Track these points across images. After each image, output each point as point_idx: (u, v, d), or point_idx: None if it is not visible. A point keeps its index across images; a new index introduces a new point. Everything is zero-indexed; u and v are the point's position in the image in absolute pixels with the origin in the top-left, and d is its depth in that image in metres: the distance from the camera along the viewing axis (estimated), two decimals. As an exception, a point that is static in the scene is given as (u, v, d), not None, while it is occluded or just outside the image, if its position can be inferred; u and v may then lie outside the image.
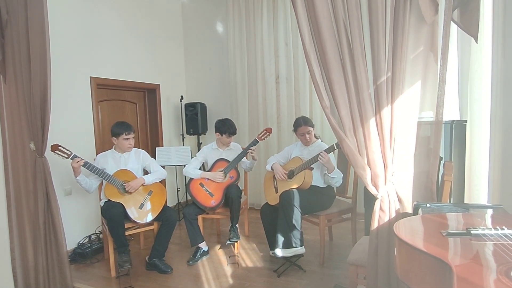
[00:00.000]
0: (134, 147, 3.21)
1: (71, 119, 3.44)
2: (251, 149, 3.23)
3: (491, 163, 1.94)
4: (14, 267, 2.65)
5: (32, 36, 2.44)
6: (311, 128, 3.04)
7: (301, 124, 3.03)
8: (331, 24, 1.69)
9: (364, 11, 1.66)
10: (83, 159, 2.79)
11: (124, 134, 2.99)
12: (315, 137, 3.14)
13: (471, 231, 1.16)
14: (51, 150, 2.71)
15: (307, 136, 3.03)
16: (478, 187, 2.04)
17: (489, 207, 1.69)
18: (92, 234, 3.56)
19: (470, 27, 1.63)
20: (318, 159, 2.78)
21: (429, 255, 1.03)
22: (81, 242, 3.44)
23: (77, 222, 3.50)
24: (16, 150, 2.61)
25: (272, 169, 3.18)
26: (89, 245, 3.41)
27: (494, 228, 1.18)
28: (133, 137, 3.07)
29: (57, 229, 2.66)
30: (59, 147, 2.74)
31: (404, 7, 1.61)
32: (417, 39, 1.67)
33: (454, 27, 1.82)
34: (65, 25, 3.38)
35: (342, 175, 2.98)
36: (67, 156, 2.76)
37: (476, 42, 1.73)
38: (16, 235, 2.64)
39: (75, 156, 2.77)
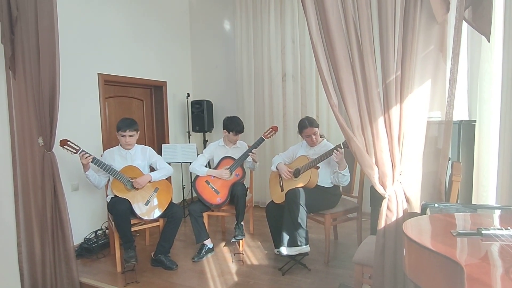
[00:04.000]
0: (140, 144, 3.23)
1: (79, 115, 3.47)
2: (251, 153, 3.23)
3: (500, 164, 1.92)
4: (21, 262, 2.69)
5: (42, 33, 2.46)
6: (316, 129, 3.00)
7: (307, 125, 2.98)
8: (340, 22, 1.68)
9: (374, 9, 1.65)
10: (91, 155, 2.81)
11: (120, 130, 2.99)
12: (320, 136, 3.11)
13: (482, 231, 1.15)
14: (60, 145, 2.73)
15: (313, 137, 3.00)
16: (486, 188, 2.03)
17: (498, 208, 1.67)
18: (99, 230, 3.59)
19: (482, 26, 1.61)
20: (333, 153, 2.73)
21: (439, 255, 1.02)
22: (87, 237, 3.47)
23: (84, 218, 3.53)
24: (25, 145, 2.64)
25: (277, 169, 3.17)
26: (95, 240, 3.43)
27: (505, 229, 1.17)
28: (130, 135, 3.00)
29: (64, 224, 2.69)
30: (68, 142, 2.76)
31: (415, 5, 1.59)
32: (427, 37, 1.65)
33: (463, 26, 1.80)
34: (74, 22, 3.40)
35: (349, 173, 2.96)
36: (75, 151, 2.78)
37: (488, 41, 1.71)
38: (23, 230, 2.68)
39: (83, 152, 2.79)
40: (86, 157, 2.77)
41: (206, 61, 5.13)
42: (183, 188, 4.69)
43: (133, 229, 2.93)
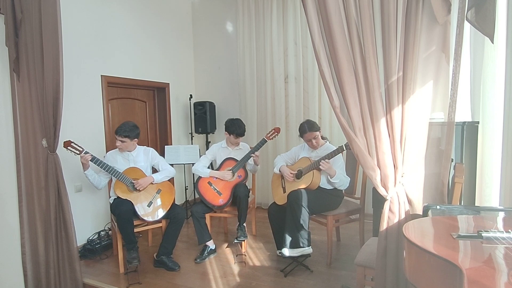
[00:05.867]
0: (143, 146, 3.25)
1: (82, 117, 3.49)
2: (254, 155, 3.24)
3: (503, 165, 1.90)
4: (24, 262, 2.71)
5: (45, 35, 2.48)
6: (317, 133, 2.98)
7: (306, 130, 2.97)
8: (342, 23, 1.68)
9: (376, 10, 1.65)
10: (91, 154, 2.83)
11: (115, 134, 3.01)
12: (323, 138, 3.10)
13: (483, 234, 1.15)
14: (64, 147, 2.74)
15: (314, 141, 2.99)
16: (490, 189, 2.01)
17: (502, 210, 1.66)
18: (102, 231, 3.61)
19: (486, 27, 1.60)
20: (320, 165, 2.79)
21: (439, 258, 1.02)
22: (90, 238, 3.49)
23: (87, 219, 3.55)
24: (29, 147, 2.66)
25: (280, 171, 3.17)
26: (98, 241, 3.45)
27: (506, 231, 1.16)
28: (120, 141, 2.98)
29: (68, 225, 2.70)
30: (72, 144, 2.78)
31: (416, 6, 1.59)
32: (429, 39, 1.65)
33: (466, 27, 1.80)
34: (77, 24, 3.43)
35: (348, 179, 2.96)
36: (79, 152, 2.80)
37: (492, 42, 1.69)
38: (26, 231, 2.70)
39: (86, 153, 2.81)
40: (85, 157, 2.79)
41: (209, 62, 5.15)
42: (186, 189, 4.70)
43: (135, 230, 2.94)
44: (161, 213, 3.00)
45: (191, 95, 4.79)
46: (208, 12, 5.09)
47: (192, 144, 4.87)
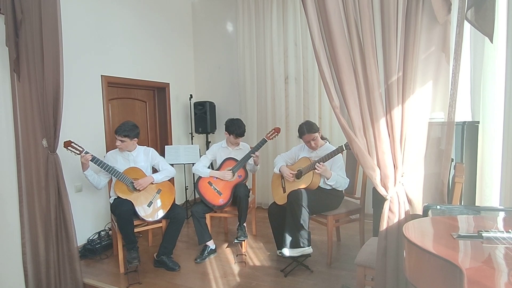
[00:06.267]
0: (143, 146, 3.25)
1: (83, 117, 3.49)
2: (253, 155, 3.24)
3: (504, 165, 1.90)
4: (25, 262, 2.71)
5: (46, 35, 2.48)
6: (315, 135, 2.98)
7: (305, 132, 2.97)
8: (342, 23, 1.68)
9: (376, 10, 1.65)
10: (91, 154, 2.83)
11: (115, 133, 3.01)
12: (322, 138, 3.10)
13: (483, 234, 1.15)
14: (64, 147, 2.74)
15: (313, 143, 2.99)
16: (490, 189, 2.01)
17: (502, 209, 1.66)
18: (102, 231, 3.61)
19: (485, 27, 1.60)
20: (316, 167, 2.79)
21: (439, 258, 1.02)
22: (91, 238, 3.49)
23: (87, 219, 3.55)
24: (29, 147, 2.66)
25: (280, 171, 3.17)
26: (98, 241, 3.45)
27: (506, 231, 1.16)
28: (120, 140, 2.98)
29: (68, 225, 2.70)
30: (72, 144, 2.78)
31: (417, 6, 1.59)
32: (429, 38, 1.65)
33: (466, 26, 1.79)
34: (78, 24, 3.43)
35: (347, 180, 2.97)
36: (79, 152, 2.80)
37: (491, 42, 1.69)
38: (27, 231, 2.70)
39: (86, 153, 2.82)
40: (86, 157, 2.80)
41: (209, 62, 5.15)
42: (186, 189, 4.70)
43: (136, 230, 2.94)
44: (161, 213, 3.00)
45: (191, 95, 4.79)
46: (208, 12, 5.09)
47: (192, 144, 4.87)
